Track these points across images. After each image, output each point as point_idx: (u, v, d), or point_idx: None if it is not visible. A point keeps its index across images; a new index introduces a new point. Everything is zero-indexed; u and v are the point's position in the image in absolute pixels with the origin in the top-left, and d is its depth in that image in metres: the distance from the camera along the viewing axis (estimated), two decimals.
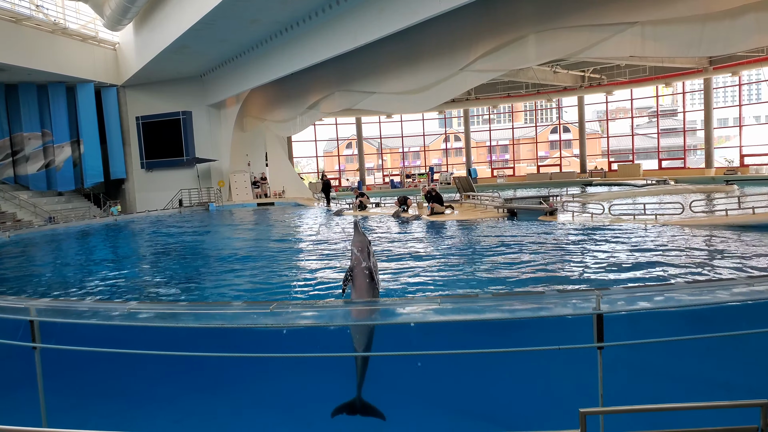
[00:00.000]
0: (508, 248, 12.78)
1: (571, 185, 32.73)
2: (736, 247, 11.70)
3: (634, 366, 5.14)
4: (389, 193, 33.54)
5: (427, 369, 5.42)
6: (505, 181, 40.74)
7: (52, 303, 5.75)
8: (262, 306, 5.36)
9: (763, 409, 3.09)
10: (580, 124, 41.26)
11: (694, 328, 5.03)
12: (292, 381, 5.72)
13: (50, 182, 32.24)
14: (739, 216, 14.54)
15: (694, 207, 15.86)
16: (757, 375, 5.37)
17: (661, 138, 39.75)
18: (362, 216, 22.51)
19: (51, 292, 11.07)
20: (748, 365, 5.38)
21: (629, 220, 15.57)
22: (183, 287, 10.89)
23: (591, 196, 24.32)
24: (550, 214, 17.72)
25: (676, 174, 34.22)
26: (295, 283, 10.50)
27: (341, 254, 13.38)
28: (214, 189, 33.79)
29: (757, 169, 31.73)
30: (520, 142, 46.76)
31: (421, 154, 49.06)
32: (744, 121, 35.23)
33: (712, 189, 25.43)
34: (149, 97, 33.68)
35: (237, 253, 14.92)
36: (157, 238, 20.31)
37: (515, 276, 9.86)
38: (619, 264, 10.31)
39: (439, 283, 9.71)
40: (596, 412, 3.67)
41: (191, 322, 5.33)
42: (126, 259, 15.70)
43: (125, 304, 5.72)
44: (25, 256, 17.76)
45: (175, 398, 6.13)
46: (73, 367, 5.82)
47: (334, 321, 5.51)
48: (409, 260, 11.93)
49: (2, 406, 5.98)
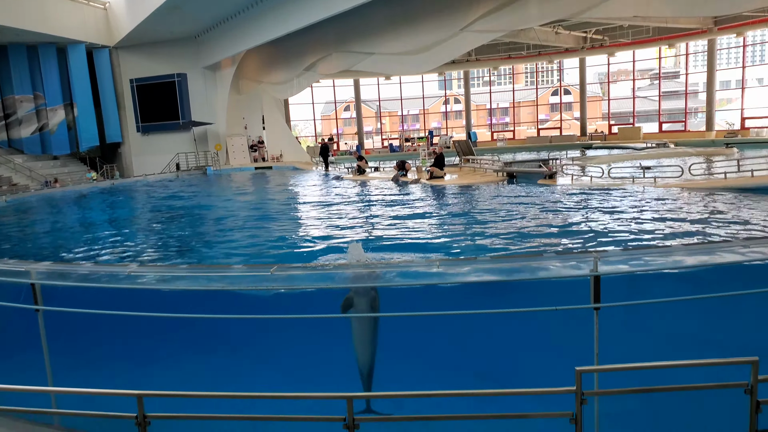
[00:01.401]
0: (508, 212, 12.81)
1: (571, 148, 32.56)
2: (734, 210, 11.73)
3: (632, 327, 5.21)
4: (388, 158, 33.36)
5: (428, 331, 5.50)
6: (505, 144, 40.51)
7: (53, 266, 5.78)
8: (262, 269, 5.40)
9: (753, 366, 3.15)
10: (581, 87, 40.83)
11: (690, 290, 5.09)
12: (298, 343, 5.80)
13: (45, 146, 31.98)
14: (738, 179, 14.54)
15: (693, 170, 15.83)
16: (749, 334, 5.46)
17: (663, 101, 39.39)
18: (361, 180, 22.45)
19: (51, 255, 11.12)
20: (742, 325, 5.46)
21: (628, 183, 15.56)
22: (183, 251, 10.94)
23: (591, 159, 24.24)
24: (549, 177, 17.71)
25: (676, 137, 34.03)
26: (296, 247, 10.55)
27: (341, 217, 13.41)
28: (212, 153, 33.58)
29: (758, 132, 31.55)
30: (520, 104, 46.31)
31: (420, 117, 48.65)
32: (747, 84, 34.86)
33: (711, 152, 25.34)
34: (143, 59, 33.15)
35: (237, 217, 14.95)
36: (156, 203, 20.31)
37: (514, 239, 9.91)
38: (618, 227, 10.35)
39: (438, 246, 9.77)
40: (591, 371, 3.75)
41: (192, 285, 5.38)
42: (125, 223, 15.72)
43: (126, 267, 5.76)
44: (24, 220, 17.76)
45: (179, 359, 6.23)
46: (77, 329, 5.89)
47: (335, 283, 5.56)
48: (409, 224, 11.97)
49: (9, 367, 6.08)
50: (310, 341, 5.68)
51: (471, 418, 3.81)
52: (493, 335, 5.47)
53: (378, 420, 3.63)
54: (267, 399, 3.83)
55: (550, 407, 3.43)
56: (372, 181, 21.79)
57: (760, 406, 3.16)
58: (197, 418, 3.91)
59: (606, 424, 4.20)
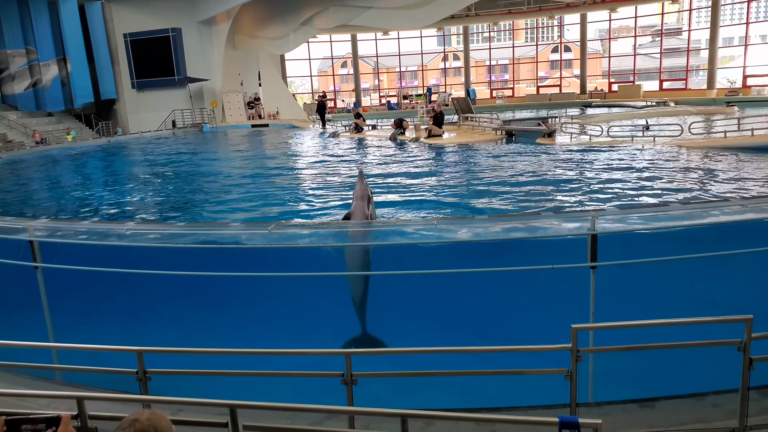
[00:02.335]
0: (506, 171, 12.76)
1: (571, 106, 32.25)
2: (733, 169, 11.71)
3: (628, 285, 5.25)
4: (386, 115, 32.99)
5: (425, 289, 5.54)
6: (504, 102, 40.05)
7: (51, 224, 5.77)
8: (260, 227, 5.39)
9: (747, 324, 3.18)
10: (581, 43, 40.14)
11: (688, 249, 5.11)
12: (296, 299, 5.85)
13: (39, 102, 31.53)
14: (738, 138, 14.45)
15: (693, 129, 15.72)
16: (743, 293, 5.51)
17: (664, 58, 38.80)
18: (358, 138, 22.27)
19: (49, 213, 11.10)
20: (737, 284, 5.51)
21: (627, 142, 15.47)
22: (180, 208, 10.93)
23: (590, 117, 24.03)
24: (548, 136, 17.58)
25: (676, 95, 33.65)
26: (293, 205, 10.54)
27: (337, 176, 13.36)
28: (208, 110, 33.16)
29: (759, 90, 31.21)
30: (520, 61, 45.54)
31: (418, 73, 47.90)
32: (750, 41, 34.28)
33: (712, 111, 25.10)
34: (136, 13, 32.34)
35: (234, 175, 14.87)
36: (153, 160, 20.17)
37: (512, 198, 9.90)
38: (616, 186, 10.34)
39: (436, 205, 9.76)
40: (586, 328, 3.79)
41: (189, 242, 5.38)
42: (122, 180, 15.64)
43: (123, 225, 5.75)
44: (21, 177, 17.65)
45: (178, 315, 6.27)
46: (77, 286, 5.91)
47: (333, 241, 5.57)
48: (406, 183, 11.93)
49: (10, 323, 6.12)
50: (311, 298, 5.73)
51: (468, 374, 3.87)
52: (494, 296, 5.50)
53: (376, 376, 3.68)
54: (266, 355, 3.87)
55: (547, 366, 3.48)
56: (369, 140, 21.62)
57: (753, 363, 3.20)
58: (197, 374, 3.96)
59: (600, 382, 4.28)
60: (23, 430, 1.69)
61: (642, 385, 4.26)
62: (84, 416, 2.86)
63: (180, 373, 3.88)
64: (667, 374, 4.39)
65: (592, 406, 3.95)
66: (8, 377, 4.62)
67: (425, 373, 3.79)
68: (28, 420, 1.68)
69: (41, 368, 4.56)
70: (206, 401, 2.79)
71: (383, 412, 2.82)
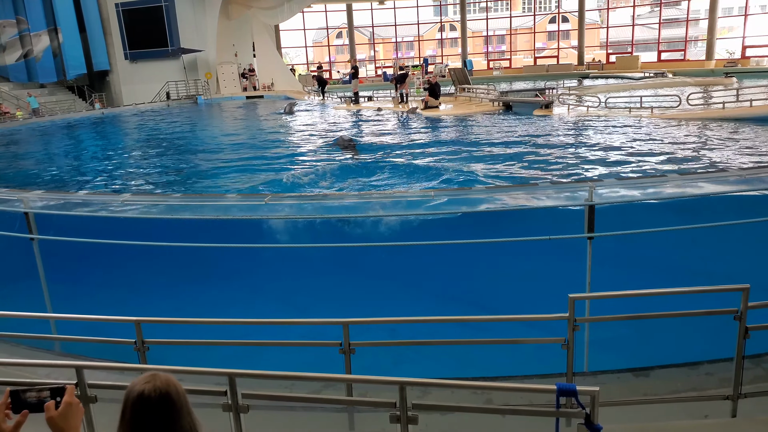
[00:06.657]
0: (503, 142, 12.70)
1: (568, 78, 31.96)
2: (731, 140, 11.68)
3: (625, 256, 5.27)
4: (382, 87, 32.63)
5: (423, 260, 5.55)
6: (501, 73, 39.66)
7: (46, 195, 5.73)
8: (257, 198, 5.37)
9: (744, 293, 3.20)
10: (579, 14, 39.60)
11: (685, 219, 5.11)
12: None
13: (30, 73, 31.04)
14: (736, 109, 14.37)
15: (691, 100, 15.63)
16: (739, 263, 5.54)
17: (663, 29, 38.34)
18: (356, 110, 22.10)
19: (44, 184, 11.02)
20: (733, 254, 5.53)
21: (625, 114, 15.38)
22: (176, 180, 10.87)
23: (587, 89, 23.84)
24: (545, 107, 17.46)
25: (675, 66, 33.34)
26: (290, 176, 10.48)
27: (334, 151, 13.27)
28: (202, 81, 32.74)
29: (758, 61, 30.95)
30: (517, 32, 45.04)
31: (414, 44, 47.30)
32: (750, 10, 33.86)
33: (710, 82, 24.92)
34: None
35: (229, 147, 14.75)
36: (148, 132, 19.99)
37: (509, 169, 9.87)
38: (613, 157, 10.30)
39: (433, 176, 9.72)
40: (583, 297, 3.80)
41: (185, 214, 5.35)
42: (117, 152, 15.50)
43: (119, 196, 5.72)
44: (12, 149, 17.49)
45: (173, 287, 6.29)
46: (73, 258, 5.90)
47: (330, 213, 5.55)
48: (403, 154, 11.87)
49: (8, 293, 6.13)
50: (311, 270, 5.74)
51: (466, 343, 3.90)
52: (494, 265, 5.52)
53: (373, 345, 3.70)
54: (264, 325, 3.88)
55: (544, 336, 3.50)
56: (365, 111, 21.46)
57: (749, 332, 3.23)
58: (195, 344, 3.97)
59: (595, 352, 4.31)
60: (28, 398, 1.68)
61: (637, 355, 4.31)
62: (83, 385, 2.88)
63: (178, 343, 3.89)
64: (662, 345, 4.43)
65: (588, 376, 3.99)
66: (7, 348, 4.63)
67: (422, 342, 3.82)
68: (32, 389, 1.68)
69: (40, 338, 4.57)
70: (205, 370, 2.80)
71: (381, 379, 2.83)
